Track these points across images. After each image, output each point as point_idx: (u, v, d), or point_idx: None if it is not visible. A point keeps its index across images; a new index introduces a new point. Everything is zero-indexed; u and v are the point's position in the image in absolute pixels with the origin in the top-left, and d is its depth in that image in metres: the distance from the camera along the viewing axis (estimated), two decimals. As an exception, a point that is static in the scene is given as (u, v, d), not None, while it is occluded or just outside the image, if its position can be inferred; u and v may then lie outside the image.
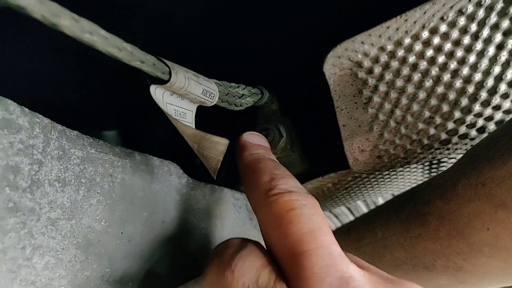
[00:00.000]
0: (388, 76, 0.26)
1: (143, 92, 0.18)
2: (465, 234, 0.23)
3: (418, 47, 0.25)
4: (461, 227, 0.23)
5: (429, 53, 0.25)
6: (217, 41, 0.28)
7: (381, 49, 0.26)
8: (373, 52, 0.26)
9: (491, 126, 0.27)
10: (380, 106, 0.27)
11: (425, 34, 0.25)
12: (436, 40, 0.25)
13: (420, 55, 0.25)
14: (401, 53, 0.26)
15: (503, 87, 0.25)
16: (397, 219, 0.29)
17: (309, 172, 0.32)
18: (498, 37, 0.24)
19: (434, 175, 0.36)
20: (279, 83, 0.29)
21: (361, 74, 0.27)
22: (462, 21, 0.24)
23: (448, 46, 0.25)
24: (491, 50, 0.25)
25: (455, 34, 0.24)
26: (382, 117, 0.27)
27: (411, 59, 0.26)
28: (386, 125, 0.28)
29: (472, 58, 0.25)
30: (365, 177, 0.36)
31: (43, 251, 0.15)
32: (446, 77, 0.26)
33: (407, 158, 0.29)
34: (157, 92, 0.17)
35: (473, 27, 0.24)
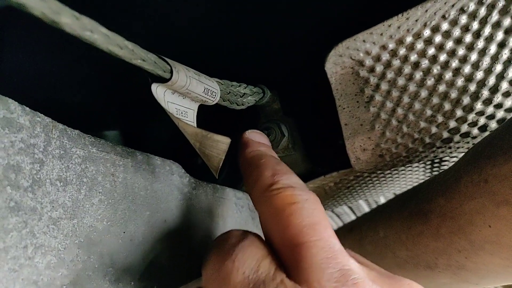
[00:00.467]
0: (390, 75, 0.26)
1: (144, 91, 0.18)
2: (466, 231, 0.23)
3: (420, 45, 0.25)
4: (462, 224, 0.23)
5: (431, 51, 0.25)
6: (218, 40, 0.28)
7: (383, 47, 0.26)
8: (374, 50, 0.26)
9: (493, 125, 0.27)
10: (382, 105, 0.27)
11: (426, 32, 0.25)
12: (437, 38, 0.25)
13: (422, 54, 0.25)
14: (402, 51, 0.26)
15: (504, 85, 0.25)
16: (399, 218, 0.29)
17: (311, 171, 0.32)
18: (499, 35, 0.24)
19: (436, 174, 0.36)
20: (280, 82, 0.29)
21: (363, 72, 0.27)
22: (463, 19, 0.24)
23: (449, 44, 0.25)
24: (492, 48, 0.24)
25: (456, 32, 0.24)
26: (384, 115, 0.27)
27: (413, 57, 0.26)
28: (388, 124, 0.28)
29: (473, 57, 0.25)
30: (367, 176, 0.36)
31: (45, 251, 0.15)
32: (448, 75, 0.25)
33: (409, 157, 0.29)
34: (158, 91, 0.17)
35: (475, 25, 0.24)
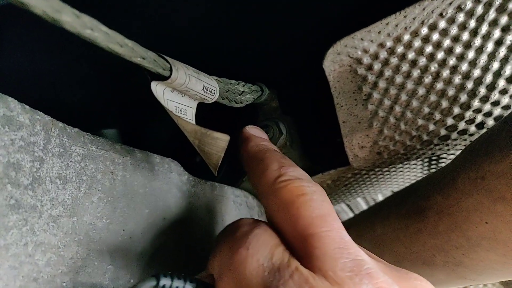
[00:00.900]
0: (388, 73, 0.26)
1: (143, 90, 0.18)
2: (463, 228, 0.23)
3: (417, 43, 0.25)
4: (460, 221, 0.23)
5: (428, 49, 0.25)
6: (217, 39, 0.28)
7: (381, 45, 0.26)
8: (372, 48, 0.26)
9: (490, 122, 0.27)
10: (379, 103, 0.27)
11: (424, 31, 0.25)
12: (435, 37, 0.25)
13: (419, 52, 0.26)
14: (400, 49, 0.26)
15: (501, 83, 0.25)
16: (397, 215, 0.29)
17: (309, 169, 0.32)
18: (496, 33, 0.24)
19: (433, 171, 0.37)
20: (279, 80, 0.29)
21: (361, 70, 0.27)
22: (461, 17, 0.24)
23: (447, 43, 0.25)
24: (490, 46, 0.25)
25: (454, 30, 0.25)
26: (382, 113, 0.28)
27: (411, 55, 0.26)
28: (385, 122, 0.28)
29: (471, 54, 0.25)
30: (364, 173, 0.36)
31: (45, 248, 0.15)
32: (445, 73, 0.26)
33: (406, 154, 0.29)
34: (158, 89, 0.17)
35: (472, 23, 0.24)
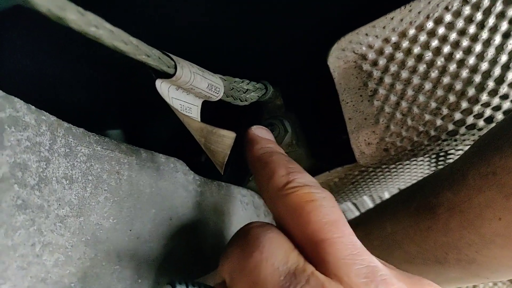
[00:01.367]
0: (393, 68, 0.26)
1: (146, 90, 0.18)
2: (476, 225, 0.22)
3: (423, 37, 0.25)
4: (472, 218, 0.23)
5: (434, 43, 0.25)
6: (220, 37, 0.28)
7: (386, 40, 0.25)
8: (377, 44, 0.26)
9: (499, 116, 0.26)
10: (385, 98, 0.27)
11: (429, 25, 0.25)
12: (441, 30, 0.25)
13: (425, 46, 0.25)
14: (405, 44, 0.25)
15: (510, 75, 0.25)
16: (406, 213, 0.28)
17: (315, 167, 0.32)
18: (504, 26, 0.24)
19: (441, 167, 0.36)
20: (283, 77, 0.28)
21: (366, 66, 0.26)
22: (467, 10, 0.24)
23: (453, 36, 0.25)
24: (497, 39, 0.24)
25: (460, 23, 0.24)
26: (388, 109, 0.27)
27: (416, 50, 0.25)
28: (392, 117, 0.27)
29: (478, 48, 0.25)
30: (371, 171, 0.35)
31: (52, 248, 0.15)
32: (452, 67, 0.25)
33: (414, 151, 0.29)
34: (162, 87, 0.17)
35: (479, 16, 0.24)
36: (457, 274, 0.27)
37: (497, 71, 0.25)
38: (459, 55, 0.25)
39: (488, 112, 0.26)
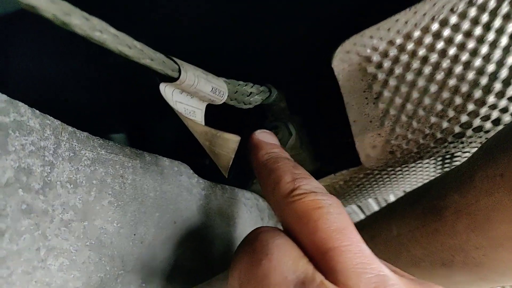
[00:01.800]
0: (398, 70, 0.26)
1: (150, 94, 0.18)
2: (484, 228, 0.22)
3: (428, 39, 0.25)
4: (479, 220, 0.22)
5: (440, 45, 0.25)
6: (223, 40, 0.28)
7: (390, 43, 0.25)
8: (382, 46, 0.25)
9: (507, 118, 0.26)
10: (390, 101, 0.27)
11: (435, 26, 0.24)
12: (446, 32, 0.24)
13: (430, 48, 0.25)
14: (410, 46, 0.25)
15: (517, 77, 0.24)
16: (412, 215, 0.28)
17: (319, 170, 0.32)
18: (510, 27, 0.24)
19: (447, 170, 0.36)
20: (287, 80, 0.28)
21: (371, 69, 0.26)
22: (472, 11, 0.24)
23: (459, 38, 0.24)
24: (503, 41, 0.24)
25: (466, 25, 0.24)
26: (393, 111, 0.27)
27: (421, 52, 0.25)
28: (397, 120, 0.27)
29: (484, 49, 0.24)
30: (377, 173, 0.35)
31: (57, 253, 0.15)
32: (458, 69, 0.25)
33: (420, 153, 0.28)
34: (166, 91, 0.17)
35: (484, 17, 0.24)
36: (464, 277, 0.26)
37: (504, 72, 0.24)
38: (465, 57, 0.25)
39: (495, 114, 0.26)
